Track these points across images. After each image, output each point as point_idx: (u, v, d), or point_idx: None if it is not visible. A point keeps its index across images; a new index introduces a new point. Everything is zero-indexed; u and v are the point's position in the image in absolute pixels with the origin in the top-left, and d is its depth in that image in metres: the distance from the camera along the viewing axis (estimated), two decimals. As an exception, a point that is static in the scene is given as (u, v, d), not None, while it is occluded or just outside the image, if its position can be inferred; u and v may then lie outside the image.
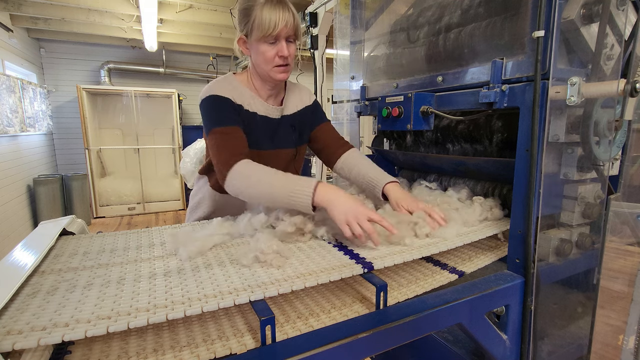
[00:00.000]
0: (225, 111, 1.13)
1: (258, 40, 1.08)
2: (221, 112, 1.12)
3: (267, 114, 1.22)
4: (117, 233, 1.05)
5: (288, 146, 1.28)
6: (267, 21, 1.03)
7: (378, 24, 1.55)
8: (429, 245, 0.93)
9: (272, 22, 1.03)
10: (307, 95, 1.35)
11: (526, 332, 0.94)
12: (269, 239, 0.85)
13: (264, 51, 1.08)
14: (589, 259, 1.04)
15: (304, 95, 1.34)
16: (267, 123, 1.22)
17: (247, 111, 1.18)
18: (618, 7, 0.92)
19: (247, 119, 1.17)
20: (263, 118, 1.21)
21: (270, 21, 1.02)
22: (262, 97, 1.22)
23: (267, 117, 1.22)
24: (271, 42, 1.08)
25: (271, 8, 1.03)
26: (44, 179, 4.86)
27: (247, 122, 1.17)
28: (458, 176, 1.39)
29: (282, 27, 1.04)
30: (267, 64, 1.11)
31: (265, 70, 1.13)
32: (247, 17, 1.07)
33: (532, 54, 0.87)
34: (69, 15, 4.54)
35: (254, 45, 1.10)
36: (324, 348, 0.65)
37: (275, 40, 1.08)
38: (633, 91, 0.82)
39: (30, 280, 0.73)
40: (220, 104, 1.13)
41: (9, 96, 4.06)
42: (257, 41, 1.08)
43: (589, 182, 1.02)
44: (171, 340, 0.66)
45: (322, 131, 1.34)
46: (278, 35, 1.06)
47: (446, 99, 1.13)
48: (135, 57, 6.27)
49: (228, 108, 1.14)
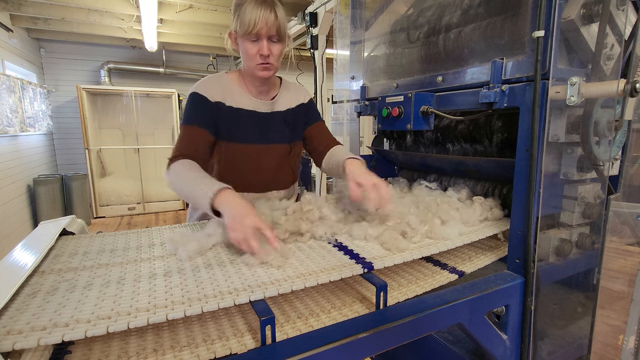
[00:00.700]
0: (196, 111, 1.17)
1: (242, 36, 1.10)
2: (192, 111, 1.17)
3: (255, 108, 1.25)
4: (117, 233, 1.05)
5: (281, 141, 1.30)
6: (248, 18, 1.04)
7: (378, 24, 1.55)
8: (429, 245, 0.93)
9: (252, 20, 1.04)
10: (303, 94, 1.37)
11: (526, 332, 0.94)
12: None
13: (247, 48, 1.11)
14: (589, 259, 1.04)
15: (300, 94, 1.36)
16: (255, 117, 1.25)
17: (230, 107, 1.20)
18: (618, 7, 0.92)
19: (231, 115, 1.21)
20: (250, 112, 1.24)
21: (251, 19, 1.04)
22: (252, 93, 1.26)
23: (254, 112, 1.25)
24: (253, 40, 1.09)
25: (255, 6, 1.04)
26: (44, 179, 4.86)
27: (230, 118, 1.20)
28: (458, 176, 1.39)
29: (261, 25, 1.05)
30: (250, 61, 1.13)
31: (249, 66, 1.16)
32: (235, 13, 1.09)
33: (532, 54, 0.87)
34: (69, 15, 4.54)
35: (240, 42, 1.13)
36: (324, 348, 0.65)
37: (257, 38, 1.09)
38: (633, 91, 0.82)
39: (30, 280, 0.73)
40: (195, 103, 1.17)
41: (9, 96, 4.06)
42: (241, 37, 1.10)
43: (589, 182, 1.02)
44: (171, 340, 0.66)
45: (315, 130, 1.36)
46: (259, 33, 1.07)
47: (446, 99, 1.13)
48: (135, 57, 6.27)
49: (202, 107, 1.17)
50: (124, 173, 6.14)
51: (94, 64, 6.00)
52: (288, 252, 0.86)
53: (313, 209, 1.04)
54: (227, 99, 1.20)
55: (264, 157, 1.27)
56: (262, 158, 1.26)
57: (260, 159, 1.26)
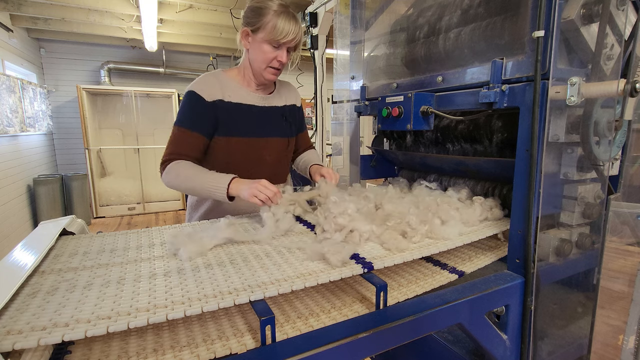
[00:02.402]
0: (192, 113, 1.20)
1: (264, 40, 1.17)
2: (187, 112, 1.21)
3: (253, 102, 1.30)
4: (117, 233, 1.05)
5: (280, 135, 1.36)
6: (281, 29, 1.14)
7: (378, 24, 1.55)
8: (429, 245, 0.93)
9: (285, 32, 1.15)
10: (295, 95, 1.46)
11: (526, 332, 0.94)
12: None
13: (266, 51, 1.18)
14: (589, 259, 1.04)
15: (292, 94, 1.45)
16: (255, 111, 1.30)
17: (229, 102, 1.24)
18: (618, 7, 0.92)
19: (230, 110, 1.24)
20: (249, 106, 1.29)
21: (284, 30, 1.14)
22: (251, 88, 1.31)
23: (253, 105, 1.30)
24: (275, 46, 1.18)
25: (287, 19, 1.15)
26: (44, 179, 4.86)
27: (228, 113, 1.24)
28: (458, 176, 1.39)
29: (291, 38, 1.17)
30: (263, 63, 1.21)
31: (259, 67, 1.22)
32: (259, 16, 1.16)
33: (532, 54, 0.87)
34: (69, 15, 4.53)
35: (258, 43, 1.18)
36: (324, 348, 0.65)
37: (279, 46, 1.18)
38: (633, 91, 0.82)
39: (30, 280, 0.73)
40: (191, 104, 1.21)
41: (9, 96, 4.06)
42: (263, 40, 1.17)
43: (589, 182, 1.02)
44: (171, 340, 0.66)
45: (299, 139, 1.49)
46: (284, 43, 1.18)
47: (446, 99, 1.13)
48: (135, 57, 6.27)
49: (196, 109, 1.20)
50: (124, 173, 6.14)
51: (94, 64, 5.99)
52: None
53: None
54: (226, 95, 1.24)
55: (263, 151, 1.31)
56: (262, 151, 1.31)
57: (260, 152, 1.31)
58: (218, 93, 1.22)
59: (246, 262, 0.83)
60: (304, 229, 1.08)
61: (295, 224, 1.11)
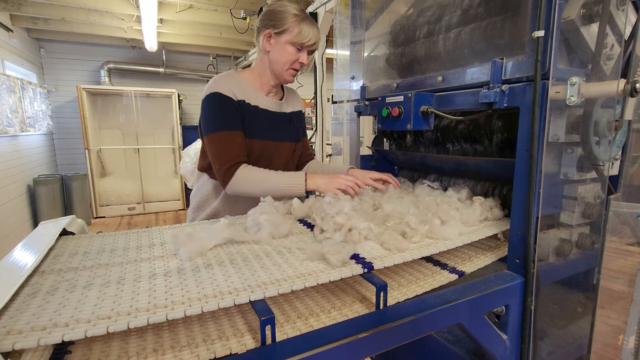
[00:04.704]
0: (226, 113, 1.20)
1: (288, 42, 1.23)
2: (222, 115, 1.20)
3: (268, 107, 1.32)
4: (117, 233, 1.05)
5: (290, 139, 1.39)
6: (306, 33, 1.22)
7: (378, 24, 1.55)
8: (429, 245, 0.93)
9: (310, 36, 1.23)
10: (299, 101, 1.51)
11: (526, 332, 0.94)
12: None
13: (290, 52, 1.24)
14: (589, 259, 1.04)
15: (297, 100, 1.49)
16: (268, 115, 1.32)
17: (249, 105, 1.27)
18: (618, 7, 0.92)
19: (250, 112, 1.27)
20: (264, 111, 1.31)
21: (309, 34, 1.23)
22: (264, 92, 1.33)
23: (268, 110, 1.32)
24: (298, 49, 1.25)
25: (310, 24, 1.24)
26: (44, 179, 4.86)
27: (249, 115, 1.26)
28: (458, 176, 1.39)
29: (315, 41, 1.26)
30: (285, 64, 1.26)
31: (280, 68, 1.27)
32: (283, 19, 1.21)
33: (532, 54, 0.87)
34: (69, 15, 4.54)
35: (281, 44, 1.23)
36: (324, 348, 0.65)
37: (302, 48, 1.26)
38: (633, 91, 0.82)
39: (30, 280, 0.73)
40: (222, 105, 1.20)
41: (9, 96, 4.06)
42: (287, 42, 1.23)
43: (589, 182, 1.02)
44: (171, 340, 0.66)
45: (300, 144, 1.50)
46: (308, 46, 1.26)
47: (446, 99, 1.13)
48: (135, 57, 6.27)
49: (230, 109, 1.21)
50: (124, 173, 6.14)
51: (94, 64, 5.99)
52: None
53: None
54: (246, 97, 1.27)
55: (274, 154, 1.34)
56: (273, 154, 1.34)
57: (271, 155, 1.33)
58: (240, 93, 1.24)
59: (246, 262, 0.83)
60: (304, 229, 1.08)
61: (295, 224, 1.11)
